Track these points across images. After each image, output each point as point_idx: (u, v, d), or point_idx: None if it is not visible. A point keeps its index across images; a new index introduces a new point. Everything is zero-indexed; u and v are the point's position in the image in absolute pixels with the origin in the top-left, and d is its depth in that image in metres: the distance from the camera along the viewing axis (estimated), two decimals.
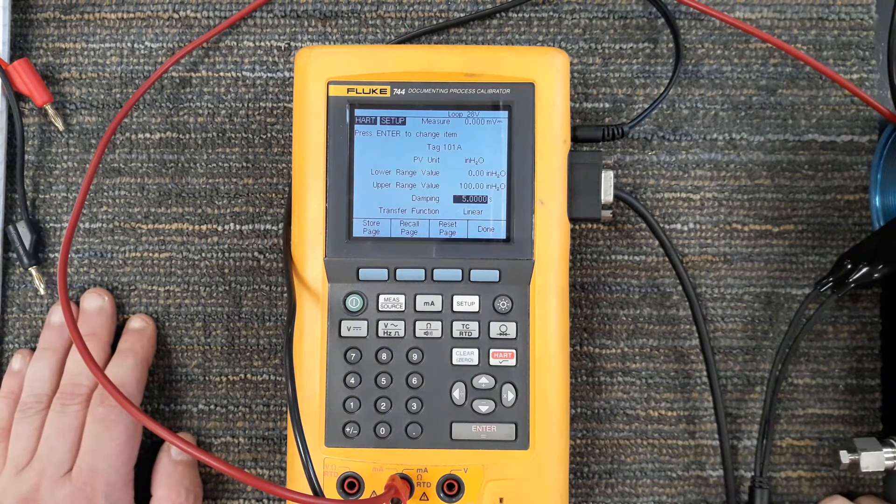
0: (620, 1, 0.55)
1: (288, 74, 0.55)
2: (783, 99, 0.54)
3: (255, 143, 0.54)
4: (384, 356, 0.47)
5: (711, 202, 0.54)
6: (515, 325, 0.47)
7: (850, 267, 0.51)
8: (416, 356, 0.47)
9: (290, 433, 0.46)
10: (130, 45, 0.55)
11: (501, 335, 0.47)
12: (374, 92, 0.47)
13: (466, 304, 0.47)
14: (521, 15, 0.55)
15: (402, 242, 0.47)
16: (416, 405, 0.46)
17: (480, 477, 0.46)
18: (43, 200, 0.55)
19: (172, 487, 0.50)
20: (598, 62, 0.55)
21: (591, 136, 0.51)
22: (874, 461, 0.48)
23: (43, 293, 0.54)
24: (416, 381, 0.47)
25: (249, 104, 0.55)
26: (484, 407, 0.46)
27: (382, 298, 0.47)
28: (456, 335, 0.47)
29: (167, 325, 0.54)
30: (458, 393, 0.47)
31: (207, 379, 0.53)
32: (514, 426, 0.46)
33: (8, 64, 0.53)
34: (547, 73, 0.47)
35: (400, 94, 0.47)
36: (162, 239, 0.54)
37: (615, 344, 0.53)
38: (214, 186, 0.54)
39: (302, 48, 0.48)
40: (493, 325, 0.47)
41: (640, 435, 0.53)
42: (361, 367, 0.47)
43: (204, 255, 0.54)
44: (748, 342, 0.53)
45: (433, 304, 0.47)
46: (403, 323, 0.47)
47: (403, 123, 0.47)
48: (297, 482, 0.47)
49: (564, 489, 0.47)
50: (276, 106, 0.55)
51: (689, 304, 0.51)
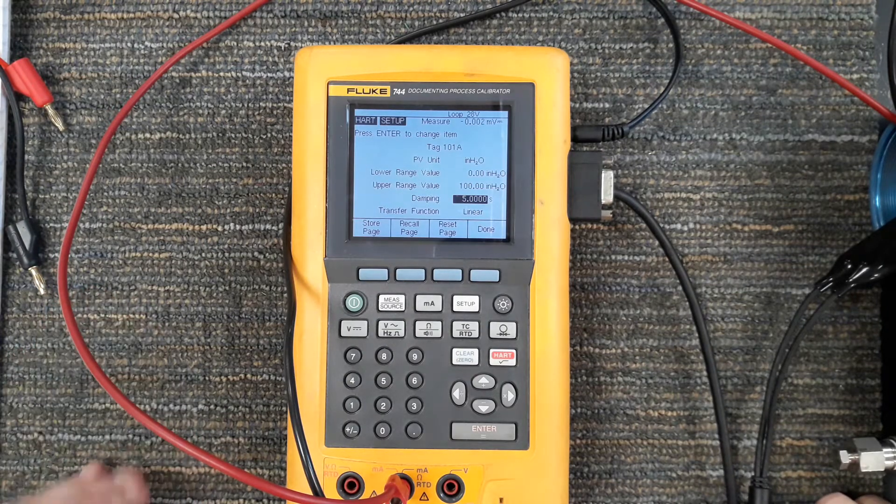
0: (620, 1, 0.55)
1: (288, 74, 0.55)
2: (783, 99, 0.54)
3: (255, 143, 0.54)
4: (384, 356, 0.47)
5: (711, 202, 0.54)
6: (515, 325, 0.47)
7: (850, 267, 0.50)
8: (416, 356, 0.47)
9: (290, 433, 0.46)
10: (130, 45, 0.55)
11: (501, 335, 0.47)
12: (374, 92, 0.47)
13: (466, 304, 0.47)
14: (521, 15, 0.55)
15: (402, 242, 0.47)
16: (416, 405, 0.46)
17: (480, 477, 0.46)
18: (43, 200, 0.55)
19: None
20: (598, 62, 0.55)
21: (591, 136, 0.51)
22: (874, 461, 0.48)
23: (43, 293, 0.54)
24: (416, 381, 0.47)
25: (249, 104, 0.55)
26: (484, 407, 0.46)
27: (382, 298, 0.47)
28: (456, 335, 0.47)
29: (167, 324, 0.54)
30: (458, 393, 0.47)
31: (207, 379, 0.53)
32: (514, 426, 0.46)
33: (8, 64, 0.53)
34: (547, 73, 0.47)
35: (400, 94, 0.47)
36: (162, 239, 0.54)
37: (615, 344, 0.53)
38: (214, 186, 0.54)
39: (302, 48, 0.48)
40: (493, 325, 0.47)
41: (640, 435, 0.53)
42: (361, 367, 0.47)
43: (204, 255, 0.54)
44: (748, 342, 0.53)
45: (433, 304, 0.47)
46: (403, 323, 0.47)
47: (403, 123, 0.47)
48: (297, 482, 0.47)
49: (564, 489, 0.47)
50: (276, 106, 0.55)
51: (689, 304, 0.51)
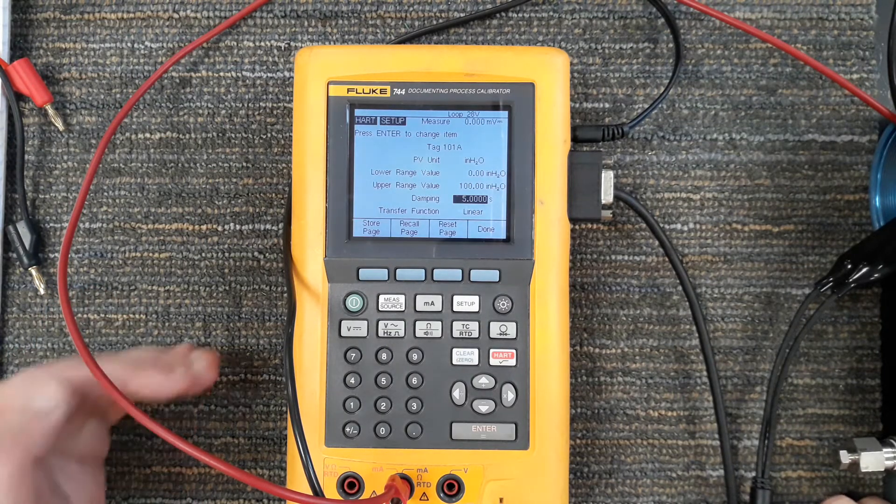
0: (620, 1, 0.55)
1: (288, 74, 0.55)
2: (783, 99, 0.54)
3: (255, 143, 0.54)
4: (384, 356, 0.47)
5: (711, 202, 0.54)
6: (515, 325, 0.47)
7: (850, 267, 0.50)
8: (416, 356, 0.47)
9: (290, 433, 0.46)
10: (130, 45, 0.55)
11: (501, 335, 0.47)
12: (374, 92, 0.47)
13: (466, 304, 0.47)
14: (521, 15, 0.55)
15: (402, 242, 0.47)
16: (416, 405, 0.46)
17: (480, 477, 0.46)
18: (43, 200, 0.54)
19: None
20: (598, 62, 0.55)
21: (591, 136, 0.51)
22: (874, 461, 0.48)
23: (43, 293, 0.54)
24: (416, 381, 0.47)
25: (249, 104, 0.55)
26: (484, 407, 0.46)
27: (382, 298, 0.47)
28: (456, 335, 0.47)
29: (167, 324, 0.54)
30: (458, 393, 0.47)
31: None
32: (514, 426, 0.46)
33: (8, 64, 0.53)
34: (547, 73, 0.47)
35: (400, 94, 0.47)
36: (162, 239, 0.54)
37: (615, 344, 0.53)
38: (214, 186, 0.54)
39: (302, 48, 0.48)
40: (493, 325, 0.47)
41: (640, 435, 0.53)
42: (361, 367, 0.47)
43: (204, 255, 0.54)
44: (748, 342, 0.53)
45: (433, 304, 0.47)
46: (403, 323, 0.47)
47: (403, 123, 0.47)
48: (297, 482, 0.47)
49: (564, 489, 0.47)
50: (276, 106, 0.55)
51: (689, 304, 0.51)
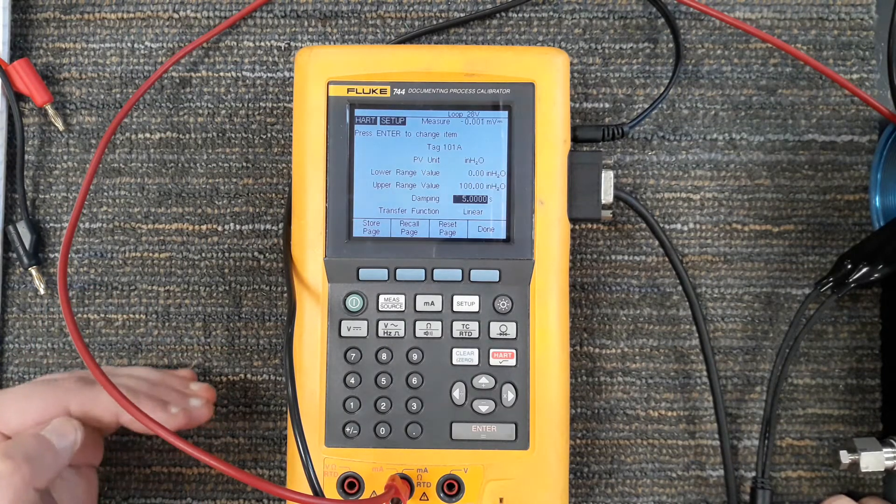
0: (620, 1, 0.55)
1: (288, 74, 0.55)
2: (783, 99, 0.54)
3: (255, 143, 0.54)
4: (384, 356, 0.47)
5: (711, 202, 0.54)
6: (515, 325, 0.47)
7: (850, 267, 0.50)
8: (416, 356, 0.47)
9: (290, 433, 0.46)
10: (130, 45, 0.55)
11: (501, 335, 0.47)
12: (374, 92, 0.47)
13: (466, 304, 0.47)
14: (521, 15, 0.55)
15: (402, 242, 0.47)
16: (416, 405, 0.46)
17: (480, 477, 0.46)
18: (43, 200, 0.54)
19: None
20: (598, 62, 0.55)
21: (591, 136, 0.51)
22: (874, 461, 0.48)
23: (43, 293, 0.54)
24: (416, 381, 0.47)
25: (249, 104, 0.55)
26: (484, 407, 0.46)
27: (382, 298, 0.47)
28: (456, 335, 0.47)
29: (167, 324, 0.54)
30: (458, 393, 0.47)
31: (207, 379, 0.53)
32: (514, 426, 0.46)
33: (8, 64, 0.53)
34: (547, 73, 0.47)
35: (400, 94, 0.47)
36: (162, 239, 0.54)
37: (615, 344, 0.53)
38: (214, 186, 0.54)
39: (302, 48, 0.48)
40: (493, 325, 0.47)
41: (640, 435, 0.53)
42: (361, 367, 0.47)
43: (204, 255, 0.54)
44: (748, 342, 0.53)
45: (433, 304, 0.47)
46: (403, 323, 0.47)
47: (403, 123, 0.47)
48: (297, 482, 0.47)
49: (564, 489, 0.47)
50: (276, 106, 0.55)
51: (689, 304, 0.51)
